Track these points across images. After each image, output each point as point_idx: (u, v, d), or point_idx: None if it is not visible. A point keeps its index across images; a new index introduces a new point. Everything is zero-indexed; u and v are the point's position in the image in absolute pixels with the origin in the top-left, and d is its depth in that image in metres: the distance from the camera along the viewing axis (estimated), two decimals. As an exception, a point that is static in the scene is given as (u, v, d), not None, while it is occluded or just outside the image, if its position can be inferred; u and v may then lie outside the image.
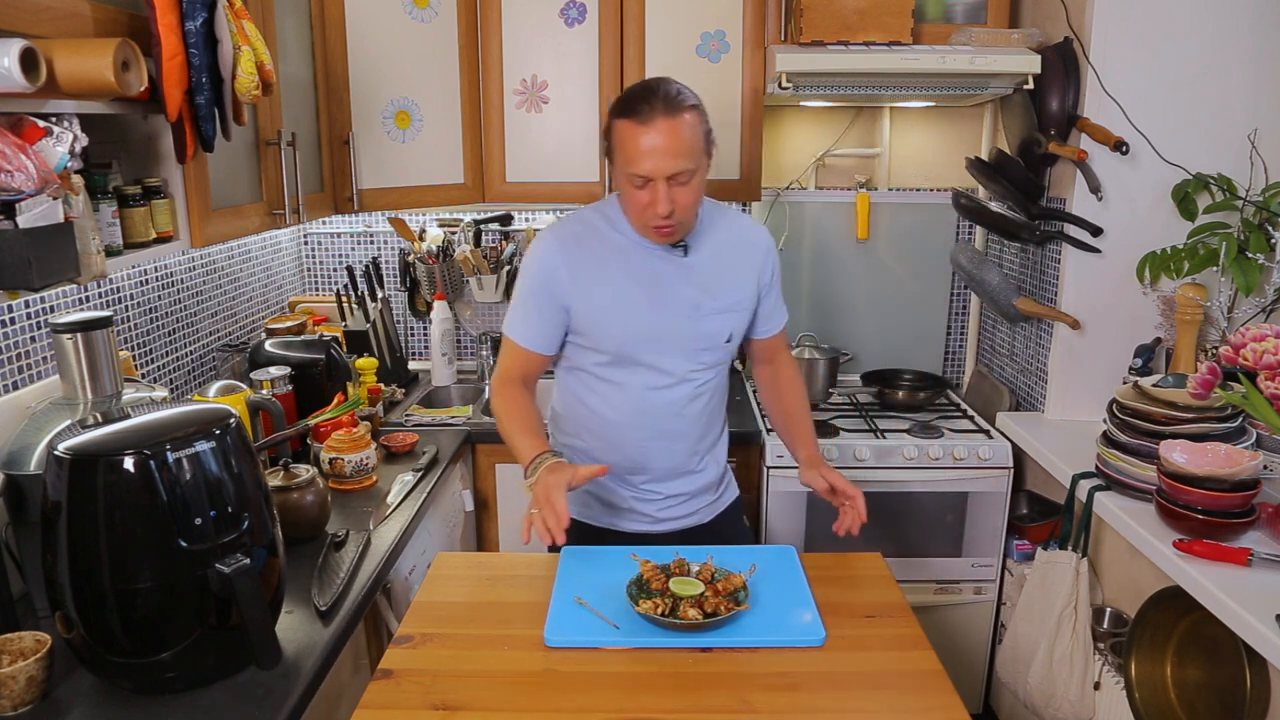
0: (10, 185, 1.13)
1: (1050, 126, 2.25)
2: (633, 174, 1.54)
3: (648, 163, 1.51)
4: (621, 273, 1.66)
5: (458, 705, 1.20)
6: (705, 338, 1.69)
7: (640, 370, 1.68)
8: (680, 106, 1.53)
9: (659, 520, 1.80)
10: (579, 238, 1.68)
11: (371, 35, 2.33)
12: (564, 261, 1.65)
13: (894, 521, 2.39)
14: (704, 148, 1.57)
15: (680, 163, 1.52)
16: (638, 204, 1.57)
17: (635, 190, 1.56)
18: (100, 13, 1.31)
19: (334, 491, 1.93)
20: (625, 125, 1.54)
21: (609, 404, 1.72)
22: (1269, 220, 2.01)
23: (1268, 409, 1.61)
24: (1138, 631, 1.78)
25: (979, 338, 2.93)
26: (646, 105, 1.52)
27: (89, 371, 1.44)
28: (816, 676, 1.27)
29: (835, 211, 2.85)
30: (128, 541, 1.15)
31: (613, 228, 1.68)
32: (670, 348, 1.68)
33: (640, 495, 1.78)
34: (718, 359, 1.74)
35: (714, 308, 1.69)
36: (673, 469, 1.77)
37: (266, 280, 2.70)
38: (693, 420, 1.75)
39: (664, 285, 1.66)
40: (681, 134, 1.52)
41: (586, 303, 1.65)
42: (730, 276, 1.71)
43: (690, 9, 2.43)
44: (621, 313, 1.66)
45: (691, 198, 1.57)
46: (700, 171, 1.57)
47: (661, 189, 1.52)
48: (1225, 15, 2.09)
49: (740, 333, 1.76)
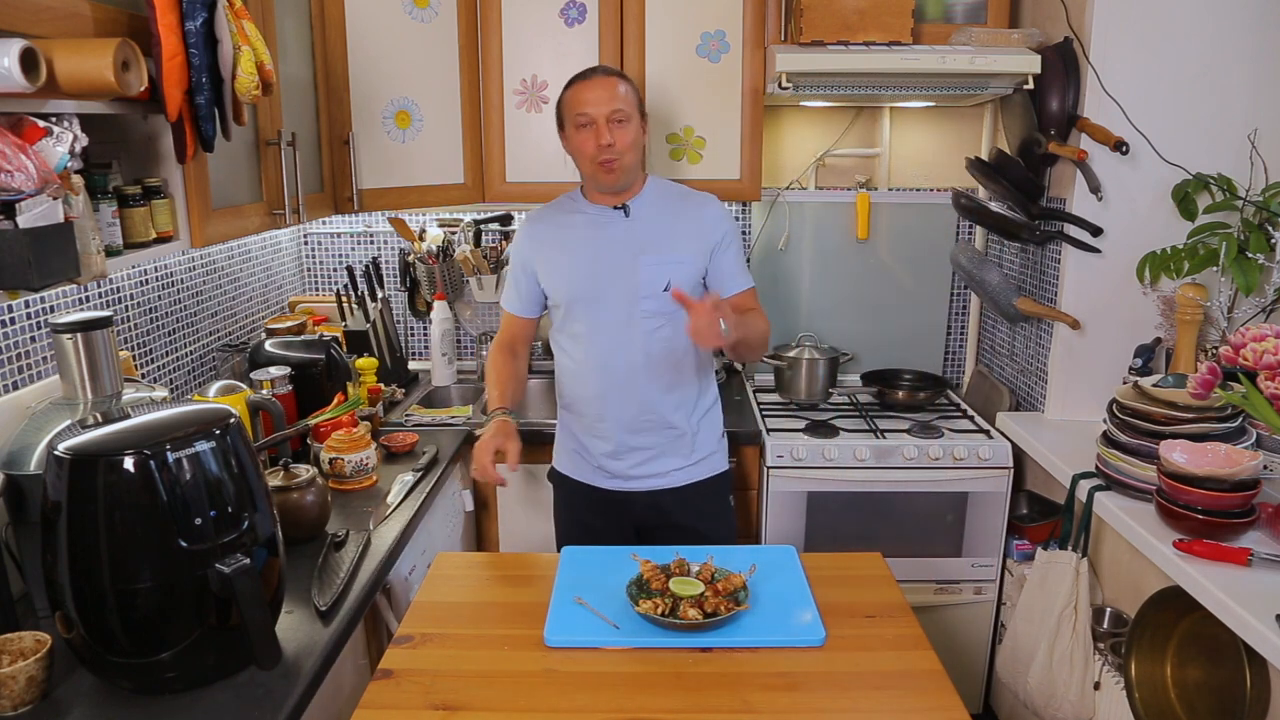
0: (10, 185, 1.13)
1: (1050, 126, 2.25)
2: (577, 115, 1.83)
3: (590, 106, 1.82)
4: (572, 237, 1.95)
5: (458, 705, 1.21)
6: (643, 285, 1.89)
7: (591, 320, 1.92)
8: (615, 73, 1.89)
9: (630, 478, 1.99)
10: (543, 217, 2.02)
11: (371, 35, 2.33)
12: (529, 236, 2.00)
13: (894, 521, 2.39)
14: (637, 106, 1.88)
15: (616, 103, 1.82)
16: (585, 148, 1.85)
17: (581, 135, 1.84)
18: (100, 13, 1.31)
19: (334, 491, 1.92)
20: (571, 89, 1.87)
21: (572, 356, 1.97)
22: (1269, 220, 2.01)
23: (1268, 409, 1.61)
24: (1138, 631, 1.78)
25: (979, 338, 2.93)
26: (589, 71, 1.89)
27: (89, 371, 1.44)
28: (816, 676, 1.27)
29: (835, 211, 2.85)
30: (128, 541, 1.15)
31: (571, 204, 1.99)
32: (612, 295, 1.90)
33: (605, 449, 1.98)
34: (661, 307, 1.88)
35: (650, 261, 1.89)
36: (634, 418, 1.94)
37: (266, 280, 2.70)
38: (647, 369, 1.92)
39: (605, 241, 1.92)
40: (616, 86, 1.85)
41: (546, 264, 1.97)
42: (670, 234, 1.92)
43: (690, 9, 2.43)
44: (569, 266, 1.94)
45: (629, 139, 1.84)
46: (634, 122, 1.86)
47: (602, 125, 1.82)
48: (1225, 15, 2.09)
49: (682, 284, 1.87)
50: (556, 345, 2.02)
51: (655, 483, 1.99)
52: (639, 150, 1.90)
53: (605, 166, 1.84)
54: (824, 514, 2.38)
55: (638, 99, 1.90)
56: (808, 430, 2.45)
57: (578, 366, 1.96)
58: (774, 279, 2.87)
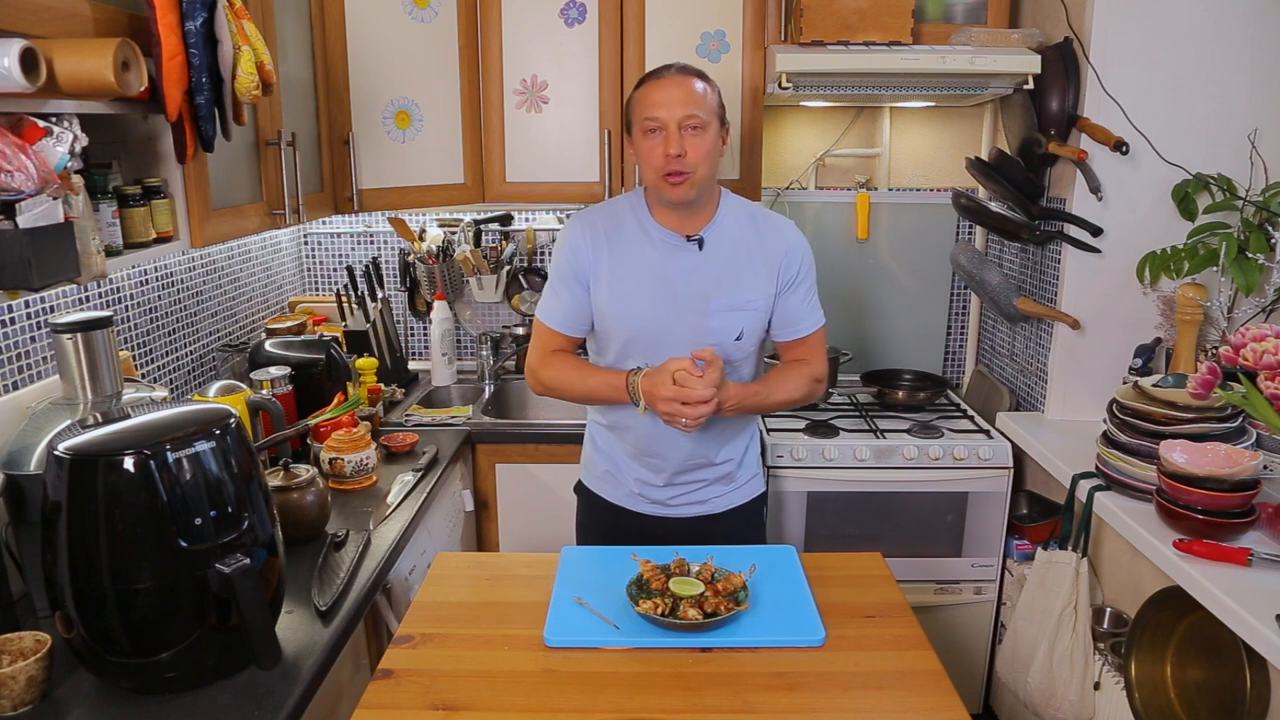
0: (10, 185, 1.13)
1: (1050, 126, 2.25)
2: (646, 118, 1.61)
3: (660, 108, 1.60)
4: (637, 261, 1.71)
5: (458, 705, 1.21)
6: (713, 333, 1.69)
7: (650, 359, 1.68)
8: (692, 70, 1.64)
9: (669, 505, 1.84)
10: (603, 225, 1.74)
11: (371, 35, 2.33)
12: (587, 244, 1.72)
13: (894, 521, 2.39)
14: (717, 111, 1.64)
15: (691, 108, 1.59)
16: (652, 155, 1.62)
17: (650, 142, 1.62)
18: (100, 13, 1.31)
19: (334, 491, 1.92)
20: (643, 87, 1.65)
21: None
22: (1269, 220, 2.01)
23: (1268, 409, 1.61)
24: (1138, 631, 1.78)
25: (979, 338, 2.93)
26: (664, 69, 1.65)
27: (89, 371, 1.44)
28: (816, 676, 1.27)
29: (835, 211, 2.84)
30: (128, 541, 1.15)
31: (635, 218, 1.73)
32: (676, 339, 1.68)
33: (653, 481, 1.83)
34: (728, 356, 1.71)
35: (723, 304, 1.69)
36: (684, 460, 1.79)
37: (266, 280, 2.70)
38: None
39: (676, 277, 1.69)
40: (693, 88, 1.61)
41: (604, 284, 1.71)
42: (744, 274, 1.71)
43: (690, 9, 2.43)
44: (631, 301, 1.70)
45: (704, 149, 1.61)
46: (712, 129, 1.63)
47: (673, 131, 1.59)
48: (1225, 15, 2.09)
49: (753, 333, 1.73)
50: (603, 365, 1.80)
51: (696, 510, 1.85)
52: (715, 163, 1.66)
53: (672, 179, 1.61)
54: (824, 514, 2.38)
55: (719, 102, 1.65)
56: (808, 430, 2.45)
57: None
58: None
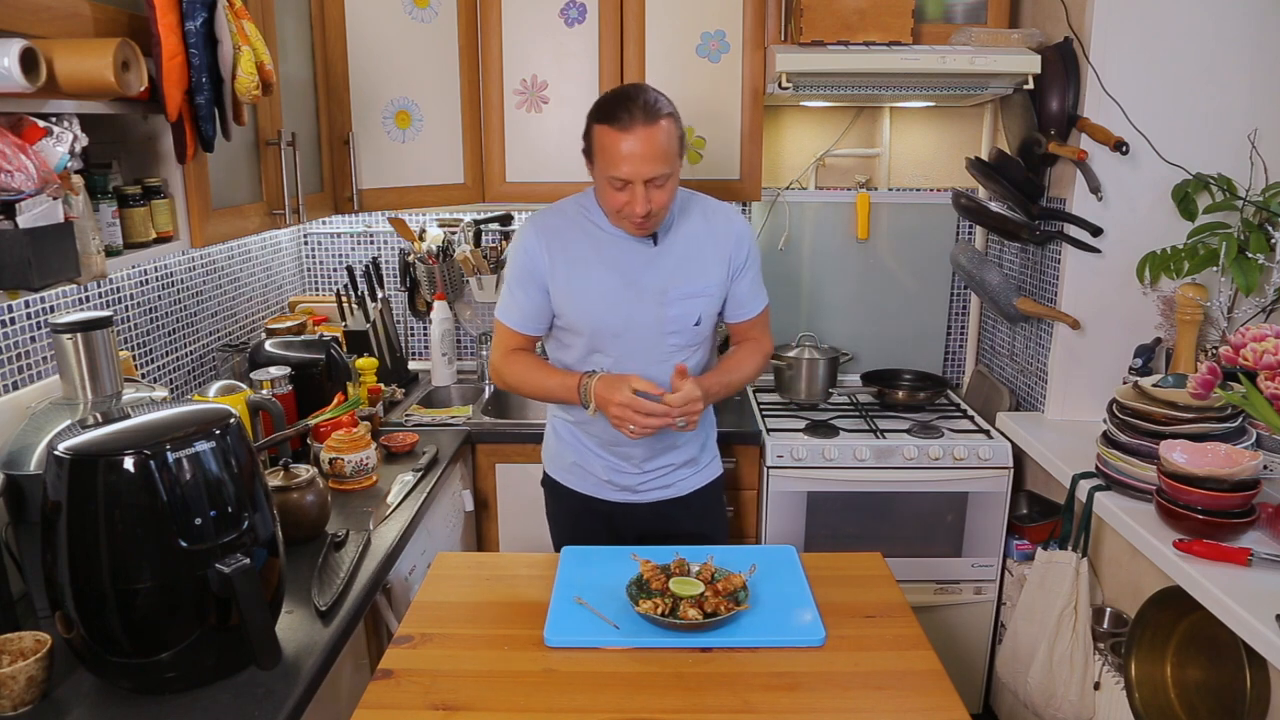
0: (10, 185, 1.13)
1: (1050, 126, 2.25)
2: (613, 177, 1.64)
3: (627, 167, 1.61)
4: (595, 259, 1.77)
5: (458, 705, 1.21)
6: (673, 321, 1.78)
7: (615, 352, 1.79)
8: (658, 114, 1.63)
9: (637, 492, 1.93)
10: (557, 227, 1.80)
11: (371, 35, 2.33)
12: (543, 247, 1.78)
13: (894, 521, 2.39)
14: (678, 152, 1.68)
15: (658, 167, 1.62)
16: (615, 203, 1.68)
17: (614, 191, 1.66)
18: (100, 13, 1.31)
19: (334, 491, 1.93)
20: (606, 131, 1.63)
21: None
22: (1269, 220, 2.01)
23: (1268, 409, 1.61)
24: (1138, 631, 1.78)
25: (979, 338, 2.93)
26: (626, 113, 1.61)
27: (89, 371, 1.44)
28: (816, 676, 1.27)
29: (835, 211, 2.85)
30: (128, 541, 1.15)
31: (588, 218, 1.80)
32: (639, 330, 1.78)
33: (624, 468, 1.90)
34: (688, 341, 1.82)
35: (681, 293, 1.78)
36: (652, 444, 1.87)
37: (266, 280, 2.70)
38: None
39: (634, 272, 1.77)
40: (659, 140, 1.61)
41: (563, 286, 1.77)
42: (699, 263, 1.79)
43: (690, 9, 2.43)
44: (593, 296, 1.77)
45: (666, 198, 1.68)
46: (674, 174, 1.68)
47: (640, 191, 1.63)
48: (1225, 15, 2.09)
49: (710, 316, 1.83)
50: (564, 364, 1.87)
51: (661, 494, 1.94)
52: (674, 196, 1.72)
53: (637, 225, 1.70)
54: (824, 514, 2.38)
55: (680, 135, 1.68)
56: (808, 430, 2.45)
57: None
58: (774, 279, 2.87)
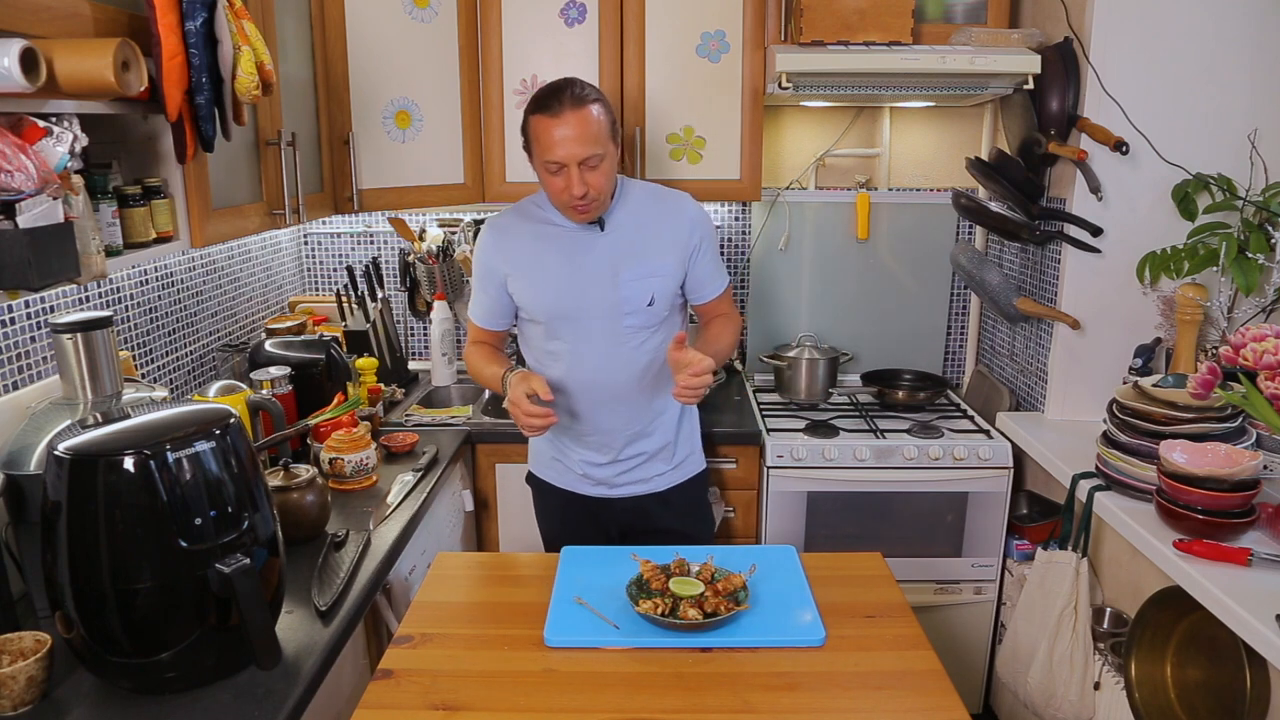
0: (10, 185, 1.13)
1: (1050, 126, 2.25)
2: (548, 161, 1.72)
3: (561, 150, 1.70)
4: (546, 249, 1.86)
5: (458, 705, 1.21)
6: (626, 301, 1.84)
7: (574, 337, 1.87)
8: (585, 100, 1.72)
9: (613, 486, 1.98)
10: (510, 225, 1.92)
11: (371, 35, 2.33)
12: (497, 245, 1.90)
13: (894, 521, 2.39)
14: (610, 135, 1.76)
15: (589, 148, 1.71)
16: (555, 188, 1.76)
17: (551, 176, 1.75)
18: (100, 13, 1.31)
19: (334, 491, 1.93)
20: (539, 120, 1.73)
21: (553, 370, 1.90)
22: (1269, 220, 2.01)
23: (1268, 409, 1.61)
24: (1138, 631, 1.78)
25: (979, 338, 2.93)
26: (556, 101, 1.71)
27: (89, 371, 1.44)
28: (816, 676, 1.27)
29: (835, 211, 2.84)
30: (128, 541, 1.15)
31: (539, 214, 1.90)
32: (594, 313, 1.85)
33: (597, 460, 1.95)
34: (645, 321, 1.87)
35: (632, 275, 1.84)
36: (621, 430, 1.92)
37: (266, 280, 2.70)
38: (634, 382, 1.89)
39: (583, 257, 1.85)
40: (589, 123, 1.71)
41: (519, 278, 1.88)
42: (649, 245, 1.86)
43: (690, 9, 2.43)
44: (546, 283, 1.86)
45: (602, 180, 1.75)
46: (609, 157, 1.76)
47: (575, 173, 1.71)
48: (1225, 15, 2.09)
49: (664, 296, 1.87)
50: (532, 358, 1.96)
51: (638, 489, 1.98)
52: (613, 180, 1.81)
53: (578, 209, 1.78)
54: (824, 514, 2.38)
55: (610, 121, 1.76)
56: (808, 430, 2.45)
57: (561, 381, 1.89)
58: (774, 279, 2.87)
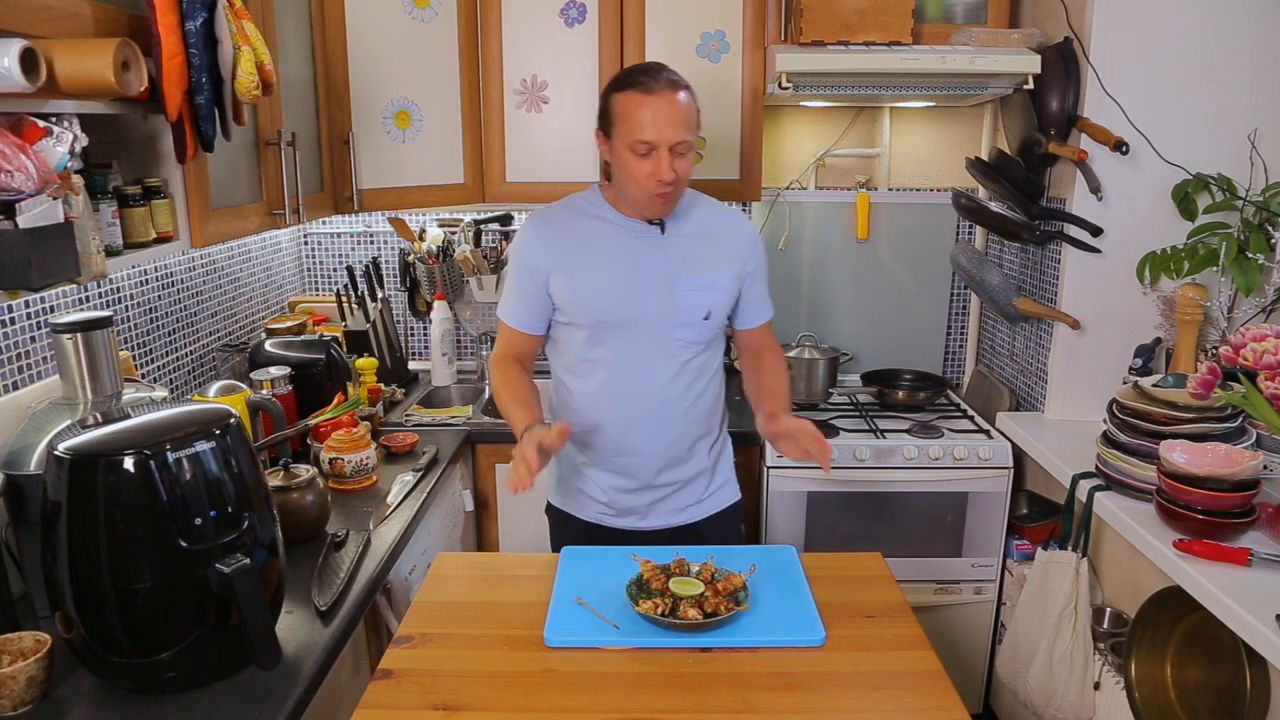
0: (10, 185, 1.13)
1: (1050, 126, 2.25)
2: (638, 140, 1.59)
3: (652, 130, 1.58)
4: (599, 249, 1.73)
5: (458, 705, 1.21)
6: (682, 312, 1.72)
7: (619, 345, 1.72)
8: (679, 84, 1.63)
9: (644, 516, 1.82)
10: (557, 220, 1.77)
11: (371, 35, 2.33)
12: (541, 242, 1.74)
13: (894, 521, 2.39)
14: (697, 126, 1.66)
15: (682, 132, 1.60)
16: (639, 173, 1.62)
17: (637, 159, 1.61)
18: (100, 13, 1.31)
19: (334, 491, 1.93)
20: (630, 95, 1.61)
21: (589, 381, 1.76)
22: (1269, 220, 2.01)
23: (1268, 409, 1.61)
24: (1138, 631, 1.78)
25: (979, 338, 2.93)
26: (651, 79, 1.60)
27: (89, 371, 1.44)
28: (816, 676, 1.27)
29: (835, 211, 2.84)
30: (128, 541, 1.15)
31: (592, 209, 1.76)
32: (646, 320, 1.71)
33: (626, 486, 1.80)
34: (697, 336, 1.75)
35: (691, 284, 1.72)
36: (660, 453, 1.77)
37: (266, 280, 2.70)
38: (677, 401, 1.76)
39: (640, 259, 1.72)
40: (683, 106, 1.61)
41: (565, 278, 1.72)
42: (708, 256, 1.75)
43: (690, 9, 2.43)
44: (598, 285, 1.71)
45: (687, 169, 1.65)
46: (694, 148, 1.66)
47: (665, 156, 1.60)
48: (1225, 15, 2.09)
49: (720, 312, 1.77)
50: (563, 367, 1.80)
51: (670, 519, 1.83)
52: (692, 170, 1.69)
53: (663, 198, 1.65)
54: (824, 514, 2.38)
55: (698, 112, 1.67)
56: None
57: (597, 393, 1.75)
58: (774, 279, 2.84)
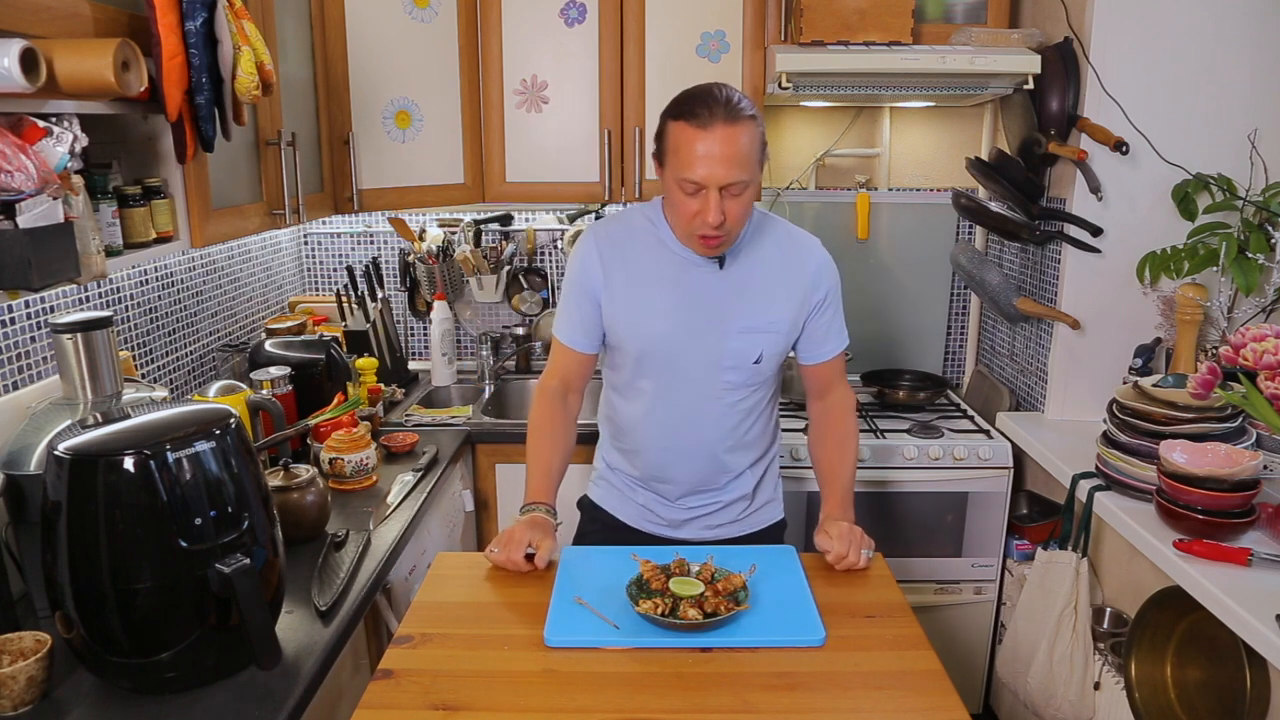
0: (10, 185, 1.13)
1: (1050, 126, 2.25)
2: (685, 179, 1.48)
3: (702, 169, 1.46)
4: (653, 275, 1.63)
5: (458, 705, 1.20)
6: (731, 355, 1.62)
7: (664, 379, 1.65)
8: (740, 115, 1.47)
9: (678, 528, 1.78)
10: (617, 237, 1.67)
11: (371, 35, 2.33)
12: (599, 259, 1.65)
13: (894, 521, 2.39)
14: (759, 160, 1.52)
15: (735, 173, 1.47)
16: (686, 211, 1.52)
17: (685, 197, 1.51)
18: (100, 13, 1.31)
19: (334, 491, 1.92)
20: (682, 128, 1.48)
21: (634, 406, 1.71)
22: (1269, 220, 2.01)
23: (1268, 409, 1.61)
24: (1138, 631, 1.78)
25: (979, 338, 2.93)
26: (706, 110, 1.46)
27: (89, 371, 1.44)
28: (816, 676, 1.27)
29: (835, 211, 2.84)
30: (128, 541, 1.15)
31: (654, 230, 1.65)
32: (692, 360, 1.63)
33: (660, 500, 1.77)
34: (746, 379, 1.65)
35: (743, 326, 1.62)
36: (698, 481, 1.72)
37: (266, 280, 2.70)
38: (719, 443, 1.69)
39: (694, 295, 1.61)
40: (739, 143, 1.46)
41: (615, 301, 1.64)
42: (767, 296, 1.63)
43: (690, 9, 2.43)
44: (645, 314, 1.63)
45: (742, 210, 1.52)
46: (753, 185, 1.51)
47: (714, 198, 1.47)
48: (1225, 15, 2.09)
49: (773, 356, 1.66)
50: (612, 385, 1.75)
51: (706, 534, 1.77)
52: (750, 212, 1.57)
53: (706, 242, 1.53)
54: (824, 514, 2.38)
55: (762, 143, 1.52)
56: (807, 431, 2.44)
57: (640, 420, 1.70)
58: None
